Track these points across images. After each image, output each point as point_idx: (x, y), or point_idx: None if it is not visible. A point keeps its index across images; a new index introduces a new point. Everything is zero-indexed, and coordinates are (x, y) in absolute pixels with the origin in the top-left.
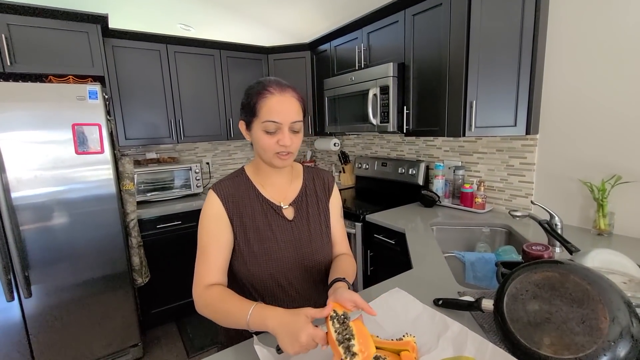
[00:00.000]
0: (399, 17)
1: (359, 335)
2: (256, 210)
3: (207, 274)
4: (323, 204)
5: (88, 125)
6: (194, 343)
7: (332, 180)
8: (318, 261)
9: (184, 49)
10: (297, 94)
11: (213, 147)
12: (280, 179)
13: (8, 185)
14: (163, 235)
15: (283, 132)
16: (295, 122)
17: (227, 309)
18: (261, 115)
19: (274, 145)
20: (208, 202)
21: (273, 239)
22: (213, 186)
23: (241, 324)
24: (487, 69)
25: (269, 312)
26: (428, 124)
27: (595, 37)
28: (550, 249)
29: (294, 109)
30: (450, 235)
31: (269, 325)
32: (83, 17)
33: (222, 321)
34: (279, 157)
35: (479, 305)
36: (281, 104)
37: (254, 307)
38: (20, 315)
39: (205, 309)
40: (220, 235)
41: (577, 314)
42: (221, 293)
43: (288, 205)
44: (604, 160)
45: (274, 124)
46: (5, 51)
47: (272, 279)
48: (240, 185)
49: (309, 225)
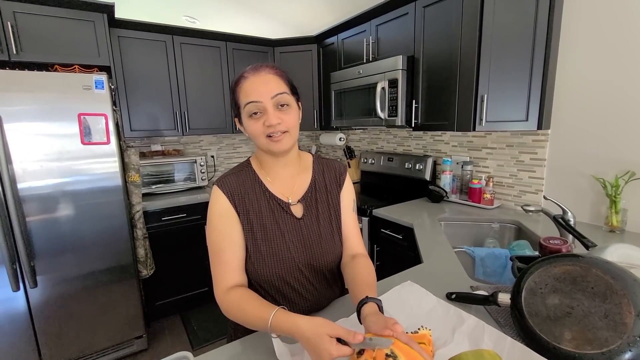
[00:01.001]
0: (409, 9)
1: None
2: (263, 207)
3: (225, 277)
4: (334, 199)
5: (94, 116)
6: (198, 335)
7: (344, 171)
8: (328, 261)
9: (190, 40)
10: (275, 69)
11: (218, 140)
12: (286, 171)
13: (14, 176)
14: (168, 228)
15: (267, 111)
16: (277, 94)
17: (246, 318)
18: (241, 101)
19: (262, 127)
20: (214, 199)
21: (281, 239)
22: (217, 181)
23: (263, 328)
24: (499, 63)
25: (288, 325)
26: (437, 118)
27: (610, 32)
28: (569, 243)
29: (272, 83)
30: (459, 230)
31: (286, 330)
32: (89, 5)
33: (247, 325)
34: (272, 140)
35: (495, 299)
36: (256, 83)
37: (272, 318)
38: (26, 305)
39: (227, 314)
40: (232, 233)
41: (600, 309)
42: (240, 298)
43: (296, 201)
44: (617, 156)
45: (253, 104)
46: (12, 39)
47: (280, 280)
48: (245, 179)
49: (318, 223)
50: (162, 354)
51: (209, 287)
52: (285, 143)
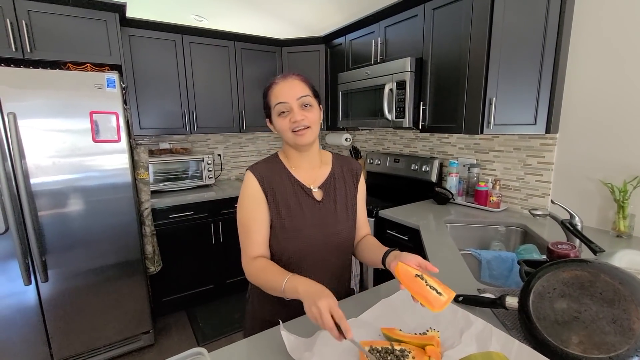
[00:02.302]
0: (419, 11)
1: (435, 283)
2: (288, 190)
3: (251, 249)
4: (350, 189)
5: (105, 114)
6: (204, 332)
7: (360, 168)
8: (342, 240)
9: (199, 39)
10: (300, 75)
11: (225, 139)
12: (308, 163)
13: (27, 171)
14: (175, 225)
15: (293, 110)
16: (302, 96)
17: (267, 279)
18: (272, 103)
19: (289, 124)
20: (246, 182)
21: (302, 217)
22: (250, 167)
23: (278, 292)
24: (508, 66)
25: (300, 280)
26: (445, 120)
27: (621, 36)
28: (577, 248)
29: (298, 87)
30: (465, 233)
31: (300, 291)
32: (102, 5)
33: (264, 289)
34: (297, 134)
35: (503, 302)
36: (284, 87)
37: (288, 278)
38: (37, 299)
39: (250, 277)
40: (259, 213)
41: (608, 314)
42: (263, 265)
43: (317, 188)
44: (625, 161)
45: (282, 104)
46: (26, 38)
47: (300, 253)
48: (274, 167)
49: (335, 206)
50: (168, 350)
51: (215, 284)
52: (307, 137)
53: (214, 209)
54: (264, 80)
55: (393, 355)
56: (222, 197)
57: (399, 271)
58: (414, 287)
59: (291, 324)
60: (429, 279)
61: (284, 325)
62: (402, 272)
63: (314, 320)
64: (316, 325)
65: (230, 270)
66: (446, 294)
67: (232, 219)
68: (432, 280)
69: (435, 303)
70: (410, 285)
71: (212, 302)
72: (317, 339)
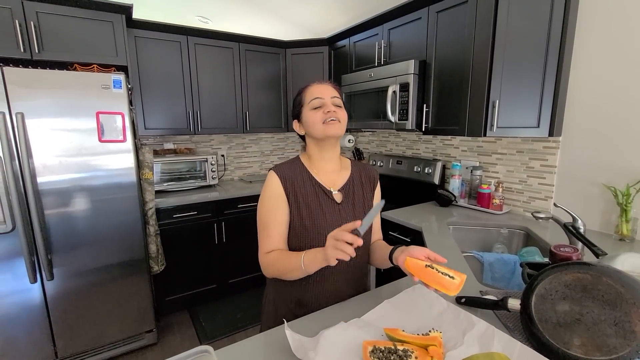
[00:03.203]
0: (422, 14)
1: (445, 269)
2: (309, 191)
3: (267, 245)
4: (367, 194)
5: (111, 114)
6: (206, 331)
7: (377, 175)
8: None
9: (204, 41)
10: (334, 83)
11: (228, 140)
12: (329, 167)
13: (34, 171)
14: (179, 225)
15: (327, 104)
16: (335, 97)
17: (284, 264)
18: (306, 99)
19: (322, 115)
20: (268, 182)
21: (323, 218)
22: (273, 168)
23: (299, 270)
24: (512, 69)
25: (314, 250)
26: (448, 123)
27: (625, 39)
28: (579, 251)
29: (332, 90)
30: (467, 235)
31: (319, 257)
32: (109, 6)
33: (284, 275)
34: (328, 125)
35: (505, 304)
36: (321, 87)
37: (304, 254)
38: (42, 297)
39: (267, 268)
40: (279, 212)
41: (610, 316)
42: (278, 254)
43: (337, 190)
44: (629, 165)
45: (318, 99)
46: (34, 39)
47: None
48: (296, 168)
49: (354, 209)
50: (171, 349)
51: (217, 284)
52: (336, 128)
53: (217, 209)
54: (268, 81)
55: (396, 355)
56: (225, 197)
57: (408, 265)
58: (427, 276)
59: (295, 324)
60: (439, 267)
61: (289, 324)
62: (412, 265)
63: (340, 252)
64: (321, 324)
65: (233, 270)
66: (458, 277)
67: (236, 219)
68: (441, 267)
69: (450, 287)
70: (423, 275)
71: (215, 302)
72: (321, 338)
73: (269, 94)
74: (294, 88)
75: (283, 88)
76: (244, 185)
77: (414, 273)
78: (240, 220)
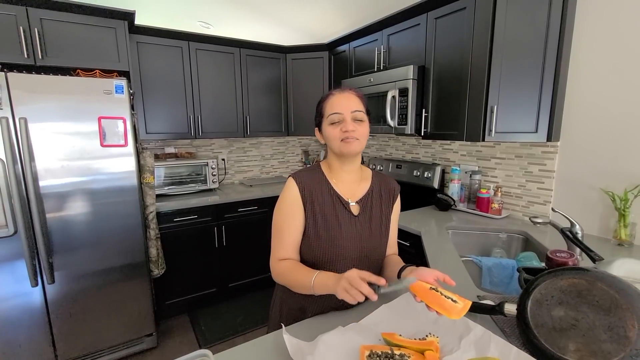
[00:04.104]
0: (421, 20)
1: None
2: (327, 201)
3: (280, 250)
4: (386, 208)
5: (113, 119)
6: (206, 336)
7: (398, 189)
8: (374, 256)
9: (206, 46)
10: (357, 92)
11: (229, 144)
12: (349, 177)
13: (37, 174)
14: (179, 229)
15: (345, 120)
16: (356, 111)
17: (296, 277)
18: (326, 112)
19: (339, 133)
20: (287, 188)
21: (338, 229)
22: (293, 175)
23: (307, 288)
24: (510, 74)
25: (329, 274)
26: (447, 128)
27: (622, 45)
28: (575, 256)
29: (354, 101)
30: (466, 239)
31: (329, 284)
32: (112, 13)
33: (293, 287)
34: (344, 143)
35: (502, 309)
36: (341, 99)
37: (317, 273)
38: (43, 300)
39: (278, 277)
40: (294, 218)
41: (604, 322)
42: (291, 265)
43: (355, 202)
44: (627, 170)
45: (336, 114)
46: (38, 45)
47: (330, 264)
48: (315, 177)
49: (370, 223)
50: (171, 353)
51: (217, 287)
52: (354, 147)
53: (218, 213)
54: (268, 86)
55: None
56: (225, 201)
57: (414, 288)
58: (429, 298)
59: (295, 328)
60: (443, 291)
61: (287, 328)
62: (417, 287)
63: (349, 296)
64: (320, 329)
65: (233, 273)
66: (462, 302)
67: (236, 223)
68: (446, 291)
69: (452, 310)
70: (425, 297)
71: (215, 306)
72: (319, 342)
73: (270, 98)
74: (295, 92)
75: (283, 93)
76: (244, 189)
77: (418, 294)
78: (240, 224)
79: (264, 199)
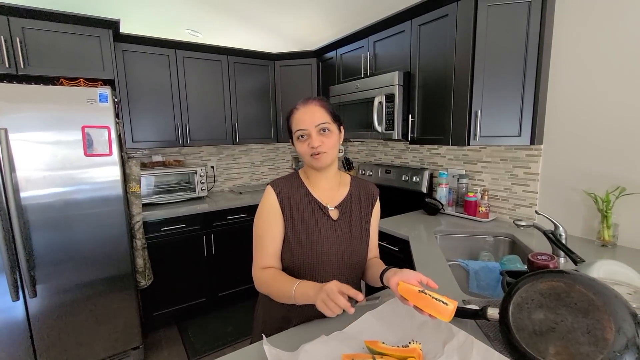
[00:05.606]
0: (406, 27)
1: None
2: (305, 207)
3: (262, 259)
4: (365, 212)
5: (97, 128)
6: (195, 346)
7: (377, 193)
8: (355, 260)
9: (193, 54)
10: (321, 101)
11: (218, 151)
12: (327, 184)
13: (17, 185)
14: (167, 238)
15: (311, 136)
16: (320, 124)
17: (277, 287)
18: (293, 128)
19: (307, 148)
20: (265, 196)
21: (318, 234)
22: (271, 183)
23: (288, 298)
24: (492, 79)
25: (310, 284)
26: (433, 132)
27: (600, 48)
28: (556, 259)
29: (317, 113)
30: (454, 243)
31: (310, 294)
32: (96, 22)
33: (275, 297)
34: (314, 158)
35: (485, 313)
36: (304, 114)
37: (298, 283)
38: (25, 315)
39: (260, 286)
40: (274, 227)
41: (583, 324)
42: (273, 274)
43: (334, 207)
44: (608, 172)
45: (301, 131)
46: (19, 54)
47: (312, 269)
48: (293, 183)
49: (350, 227)
50: None
51: (207, 297)
52: (323, 160)
53: (207, 221)
54: (257, 92)
55: None
56: (215, 209)
57: (401, 290)
58: (422, 302)
59: (277, 338)
60: (432, 293)
61: (270, 339)
62: (405, 290)
63: (327, 309)
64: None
65: (223, 282)
66: (451, 303)
67: (225, 231)
68: (434, 293)
69: (445, 313)
70: (418, 301)
71: (204, 316)
72: (300, 352)
73: (259, 105)
74: (284, 99)
75: (272, 99)
76: (233, 196)
77: (409, 298)
78: (230, 232)
79: (254, 206)
